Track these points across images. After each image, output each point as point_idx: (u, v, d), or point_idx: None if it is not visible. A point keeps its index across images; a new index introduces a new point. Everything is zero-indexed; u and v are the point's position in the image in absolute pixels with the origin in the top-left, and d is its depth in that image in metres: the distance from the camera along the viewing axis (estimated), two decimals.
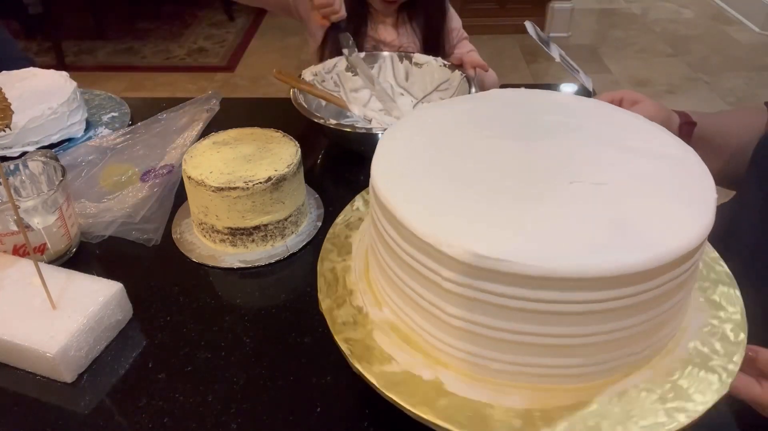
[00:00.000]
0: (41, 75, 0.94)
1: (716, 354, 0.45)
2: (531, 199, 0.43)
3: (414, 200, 0.44)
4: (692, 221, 0.42)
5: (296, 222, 0.72)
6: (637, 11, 3.52)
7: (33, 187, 0.71)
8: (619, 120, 0.54)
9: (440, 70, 0.98)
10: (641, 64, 2.89)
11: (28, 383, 0.56)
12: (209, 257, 0.70)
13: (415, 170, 0.47)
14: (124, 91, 2.64)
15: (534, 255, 0.38)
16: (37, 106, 0.85)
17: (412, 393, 0.43)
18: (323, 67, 0.98)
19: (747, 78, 2.74)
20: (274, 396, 0.54)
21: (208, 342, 0.59)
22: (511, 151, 0.49)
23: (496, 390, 0.44)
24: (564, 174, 0.46)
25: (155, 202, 0.77)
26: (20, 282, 0.60)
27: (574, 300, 0.39)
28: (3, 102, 0.53)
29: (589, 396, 0.43)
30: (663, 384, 0.43)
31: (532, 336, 0.41)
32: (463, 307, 0.41)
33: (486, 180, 0.45)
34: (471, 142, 0.50)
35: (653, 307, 0.41)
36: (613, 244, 0.39)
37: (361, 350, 0.46)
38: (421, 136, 0.51)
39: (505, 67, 2.89)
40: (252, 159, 0.69)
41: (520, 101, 0.57)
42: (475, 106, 0.57)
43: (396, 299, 0.47)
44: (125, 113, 0.98)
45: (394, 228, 0.44)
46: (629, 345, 0.43)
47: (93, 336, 0.57)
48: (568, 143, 0.50)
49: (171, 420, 0.52)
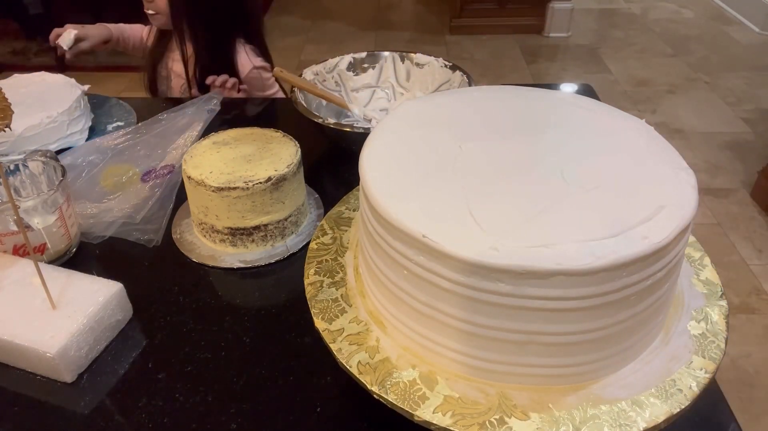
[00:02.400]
0: (49, 80, 0.93)
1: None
2: (523, 196, 0.44)
3: (405, 199, 0.44)
4: (678, 211, 0.42)
5: (296, 222, 0.72)
6: (637, 11, 3.52)
7: (33, 187, 0.71)
8: (606, 118, 0.54)
9: (441, 71, 0.98)
10: (641, 64, 2.89)
11: (28, 383, 0.56)
12: (209, 257, 0.70)
13: (405, 168, 0.47)
14: (124, 91, 2.64)
15: (533, 252, 0.38)
16: (37, 113, 0.84)
17: (409, 395, 0.43)
18: (324, 67, 0.98)
19: (747, 78, 2.74)
20: (274, 396, 0.54)
21: (208, 342, 0.59)
22: (500, 148, 0.49)
23: (496, 390, 0.44)
24: (554, 170, 0.46)
25: (156, 203, 0.77)
26: (20, 282, 0.60)
27: (575, 296, 0.39)
28: (3, 102, 0.53)
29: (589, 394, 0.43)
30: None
31: (533, 336, 0.41)
32: (460, 307, 0.41)
33: (478, 177, 0.46)
34: (459, 138, 0.50)
35: (645, 298, 0.42)
36: (607, 237, 0.39)
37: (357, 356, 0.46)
38: (409, 133, 0.52)
39: (505, 67, 2.89)
40: (252, 159, 0.69)
41: (511, 98, 0.57)
42: (463, 102, 0.57)
43: (381, 298, 0.47)
44: (131, 123, 0.96)
45: (385, 228, 0.44)
46: (627, 336, 0.43)
47: (93, 336, 0.57)
48: (557, 139, 0.50)
49: (171, 420, 0.52)
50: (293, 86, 0.90)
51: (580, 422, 0.41)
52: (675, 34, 3.20)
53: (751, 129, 2.36)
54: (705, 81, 2.73)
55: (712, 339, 0.47)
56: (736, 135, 2.32)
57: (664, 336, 0.47)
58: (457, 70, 0.96)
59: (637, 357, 0.45)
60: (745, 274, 1.70)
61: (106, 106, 1.01)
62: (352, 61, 1.01)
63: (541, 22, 3.17)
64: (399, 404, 0.43)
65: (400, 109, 0.55)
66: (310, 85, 0.93)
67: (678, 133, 2.33)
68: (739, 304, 1.61)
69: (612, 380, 0.44)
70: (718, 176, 2.09)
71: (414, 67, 1.01)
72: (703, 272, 0.53)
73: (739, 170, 2.12)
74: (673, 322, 0.48)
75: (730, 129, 2.36)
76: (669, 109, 2.52)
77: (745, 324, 1.55)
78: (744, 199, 1.98)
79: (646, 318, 0.43)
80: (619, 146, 0.50)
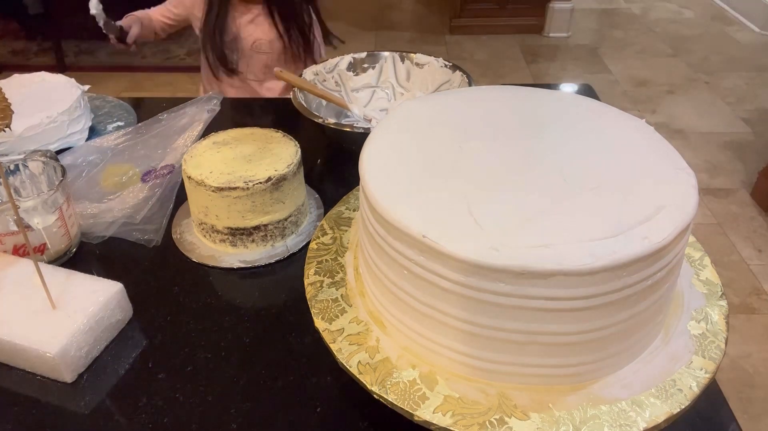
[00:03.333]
0: (49, 80, 0.93)
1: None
2: (523, 196, 0.44)
3: (405, 199, 0.44)
4: (678, 211, 0.42)
5: (296, 222, 0.72)
6: (637, 11, 3.52)
7: (33, 187, 0.71)
8: (606, 118, 0.54)
9: (441, 71, 0.98)
10: (641, 64, 2.89)
11: (28, 383, 0.56)
12: (209, 257, 0.70)
13: (405, 168, 0.47)
14: (124, 91, 2.64)
15: (533, 252, 0.38)
16: (37, 113, 0.84)
17: (409, 395, 0.43)
18: (324, 67, 0.98)
19: (747, 78, 2.74)
20: (274, 396, 0.54)
21: (208, 342, 0.59)
22: (500, 148, 0.49)
23: (496, 390, 0.44)
24: (554, 170, 0.46)
25: (156, 203, 0.77)
26: (20, 283, 0.60)
27: (575, 296, 0.39)
28: (3, 102, 0.53)
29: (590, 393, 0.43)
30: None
31: (533, 336, 0.41)
32: (460, 307, 0.41)
33: (478, 177, 0.46)
34: (459, 138, 0.50)
35: (645, 298, 0.42)
36: (607, 238, 0.39)
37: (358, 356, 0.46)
38: (409, 133, 0.52)
39: (505, 67, 2.89)
40: (252, 159, 0.69)
41: (511, 98, 0.57)
42: (463, 102, 0.57)
43: (381, 298, 0.47)
44: (131, 123, 0.96)
45: (385, 228, 0.44)
46: (627, 336, 0.43)
47: (93, 336, 0.57)
48: (557, 139, 0.50)
49: (171, 420, 0.52)
50: (293, 86, 0.90)
51: (580, 422, 0.41)
52: (675, 34, 3.20)
53: (751, 129, 2.36)
54: (705, 81, 2.73)
55: (712, 339, 0.47)
56: (736, 135, 2.32)
57: (664, 336, 0.47)
58: (457, 70, 0.96)
59: (637, 357, 0.46)
60: (745, 274, 1.70)
61: (106, 106, 1.01)
62: (352, 61, 1.01)
63: (541, 22, 3.17)
64: (399, 404, 0.43)
65: (400, 109, 0.55)
66: (310, 85, 0.93)
67: (678, 133, 2.33)
68: (739, 304, 1.61)
69: (612, 380, 0.44)
70: (718, 176, 2.09)
71: (414, 67, 1.01)
72: (703, 272, 0.53)
73: (739, 170, 2.12)
74: (673, 322, 0.48)
75: (730, 129, 2.36)
76: (669, 109, 2.52)
77: (745, 324, 1.55)
78: (744, 199, 1.98)
79: (646, 318, 0.43)
80: (619, 146, 0.50)
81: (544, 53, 3.04)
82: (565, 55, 3.04)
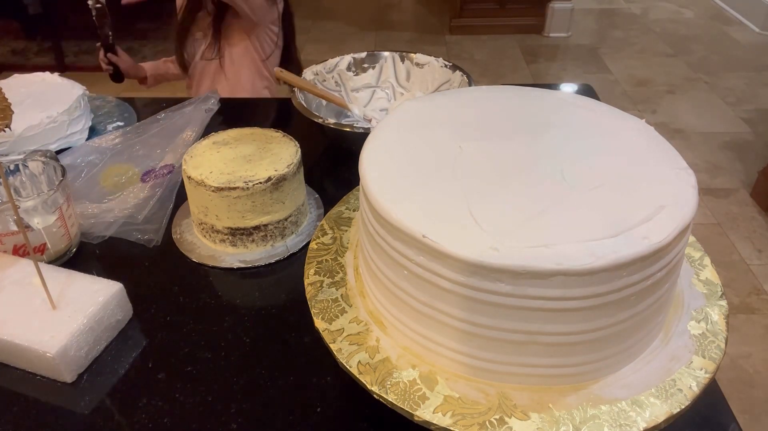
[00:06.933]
0: (49, 80, 0.93)
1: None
2: (523, 196, 0.44)
3: (405, 199, 0.44)
4: (678, 211, 0.42)
5: (296, 222, 0.72)
6: (637, 11, 3.52)
7: (33, 187, 0.71)
8: (606, 118, 0.54)
9: (441, 71, 0.98)
10: (641, 64, 2.89)
11: (28, 383, 0.56)
12: (209, 257, 0.70)
13: (405, 168, 0.47)
14: (124, 91, 2.64)
15: (533, 252, 0.38)
16: (37, 113, 0.84)
17: (409, 395, 0.43)
18: (324, 67, 0.98)
19: (747, 78, 2.74)
20: (274, 396, 0.54)
21: (208, 342, 0.59)
22: (500, 148, 0.49)
23: (496, 390, 0.44)
24: (554, 170, 0.46)
25: (156, 203, 0.77)
26: (20, 282, 0.60)
27: (575, 296, 0.39)
28: (3, 102, 0.53)
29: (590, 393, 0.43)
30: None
31: (533, 336, 0.41)
32: (460, 307, 0.41)
33: (478, 177, 0.46)
34: (459, 138, 0.50)
35: (645, 298, 0.42)
36: (607, 237, 0.39)
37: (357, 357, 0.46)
38: (409, 133, 0.51)
39: (505, 67, 2.89)
40: (252, 159, 0.69)
41: (511, 98, 0.57)
42: (463, 102, 0.57)
43: (381, 298, 0.47)
44: (131, 123, 0.96)
45: (385, 229, 0.44)
46: (627, 336, 0.43)
47: (93, 336, 0.57)
48: (557, 139, 0.50)
49: (171, 420, 0.52)
50: (293, 86, 0.90)
51: (580, 422, 0.41)
52: (675, 34, 3.20)
53: (751, 129, 2.36)
54: (705, 81, 2.73)
55: (712, 339, 0.47)
56: (736, 135, 2.32)
57: (664, 336, 0.47)
58: (457, 70, 0.96)
59: (637, 357, 0.46)
60: (745, 274, 1.70)
61: (106, 106, 1.01)
62: (352, 61, 1.01)
63: (541, 22, 3.17)
64: (399, 404, 0.43)
65: (400, 109, 0.55)
66: (310, 85, 0.93)
67: (678, 133, 2.34)
68: (739, 304, 1.61)
69: (612, 380, 0.44)
70: (718, 176, 2.09)
71: (414, 67, 1.01)
72: (703, 272, 0.53)
73: (739, 170, 2.12)
74: (673, 322, 0.48)
75: (730, 129, 2.37)
76: (669, 109, 2.52)
77: (745, 324, 1.56)
78: (744, 199, 1.98)
79: (646, 318, 0.43)
80: (619, 146, 0.50)
81: (544, 53, 3.04)
82: (565, 55, 3.04)
